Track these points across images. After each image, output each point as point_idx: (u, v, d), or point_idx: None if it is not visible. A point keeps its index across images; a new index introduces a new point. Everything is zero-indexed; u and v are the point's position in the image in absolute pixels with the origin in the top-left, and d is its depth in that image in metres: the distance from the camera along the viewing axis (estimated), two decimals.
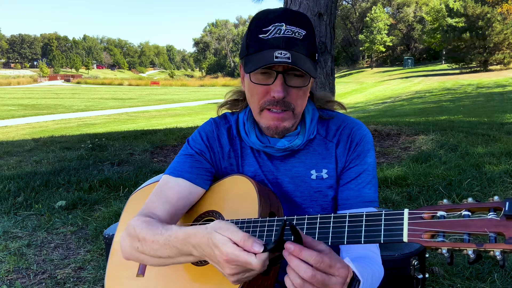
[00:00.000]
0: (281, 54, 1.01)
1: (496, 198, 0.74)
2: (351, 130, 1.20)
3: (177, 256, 0.97)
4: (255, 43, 1.06)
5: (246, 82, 1.13)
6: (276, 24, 1.04)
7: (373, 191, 1.18)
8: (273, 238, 0.97)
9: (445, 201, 0.80)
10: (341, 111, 1.28)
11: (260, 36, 1.05)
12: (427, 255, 1.91)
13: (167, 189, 1.18)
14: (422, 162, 4.91)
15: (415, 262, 1.78)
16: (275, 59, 1.00)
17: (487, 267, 2.48)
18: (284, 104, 1.08)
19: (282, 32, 1.03)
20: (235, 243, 0.84)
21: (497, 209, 0.73)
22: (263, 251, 0.82)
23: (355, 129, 1.20)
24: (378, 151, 5.63)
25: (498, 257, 0.69)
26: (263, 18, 1.07)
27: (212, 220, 1.15)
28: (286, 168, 1.20)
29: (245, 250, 0.83)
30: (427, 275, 1.87)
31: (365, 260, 1.10)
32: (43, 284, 2.54)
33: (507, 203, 0.70)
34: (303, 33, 1.05)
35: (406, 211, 0.82)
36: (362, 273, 0.99)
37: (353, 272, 0.93)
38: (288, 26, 1.04)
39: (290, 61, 1.00)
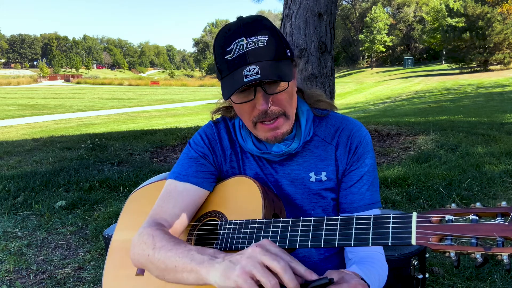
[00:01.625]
0: (249, 71, 1.00)
1: (504, 203, 0.75)
2: (351, 131, 1.19)
3: (181, 269, 0.94)
4: (224, 66, 1.05)
5: (232, 103, 1.13)
6: (236, 41, 1.03)
7: (375, 192, 1.19)
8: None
9: (453, 205, 0.81)
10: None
11: (226, 57, 1.04)
12: (427, 255, 1.91)
13: (175, 194, 1.17)
14: (422, 162, 4.91)
15: (415, 262, 1.78)
16: (244, 79, 0.99)
17: (487, 267, 2.48)
18: (272, 113, 1.07)
19: (244, 47, 1.02)
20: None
21: (504, 214, 0.74)
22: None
23: (354, 131, 1.20)
24: (378, 151, 5.63)
25: (505, 261, 0.70)
26: (224, 38, 1.05)
27: (215, 221, 1.15)
28: (285, 171, 1.20)
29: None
30: (427, 275, 1.87)
31: (370, 261, 1.11)
32: (43, 284, 2.54)
33: None
34: (266, 39, 1.03)
35: (414, 214, 0.83)
36: (370, 278, 1.01)
37: (363, 279, 0.94)
38: (248, 39, 1.02)
39: (259, 76, 0.99)
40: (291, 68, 1.08)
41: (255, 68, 1.00)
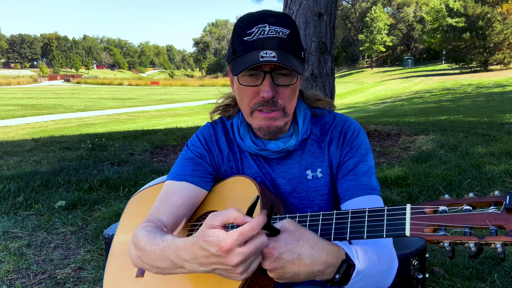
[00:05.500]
0: (266, 54, 1.02)
1: (496, 192, 0.75)
2: (342, 127, 1.22)
3: (173, 268, 0.94)
4: (241, 46, 1.06)
5: (236, 85, 1.14)
6: (259, 25, 1.05)
7: (372, 180, 1.16)
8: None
9: (446, 196, 0.81)
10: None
11: (245, 38, 1.05)
12: (427, 255, 1.91)
13: (171, 193, 1.18)
14: (422, 162, 4.90)
15: (415, 262, 1.78)
16: (261, 59, 1.01)
17: (487, 267, 2.48)
18: (274, 103, 1.09)
19: (266, 32, 1.04)
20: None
21: (497, 203, 0.74)
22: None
23: (346, 125, 1.22)
24: (378, 151, 5.63)
25: (499, 249, 0.70)
26: (246, 21, 1.07)
27: None
28: (282, 169, 1.22)
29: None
30: (427, 275, 1.87)
31: (373, 244, 1.06)
32: (43, 284, 2.54)
33: (508, 197, 0.72)
34: (287, 32, 1.06)
35: (408, 206, 0.83)
36: (362, 256, 0.94)
37: (346, 254, 0.90)
38: (271, 27, 1.05)
39: (275, 59, 1.01)
40: (302, 67, 1.10)
41: (272, 53, 1.02)
